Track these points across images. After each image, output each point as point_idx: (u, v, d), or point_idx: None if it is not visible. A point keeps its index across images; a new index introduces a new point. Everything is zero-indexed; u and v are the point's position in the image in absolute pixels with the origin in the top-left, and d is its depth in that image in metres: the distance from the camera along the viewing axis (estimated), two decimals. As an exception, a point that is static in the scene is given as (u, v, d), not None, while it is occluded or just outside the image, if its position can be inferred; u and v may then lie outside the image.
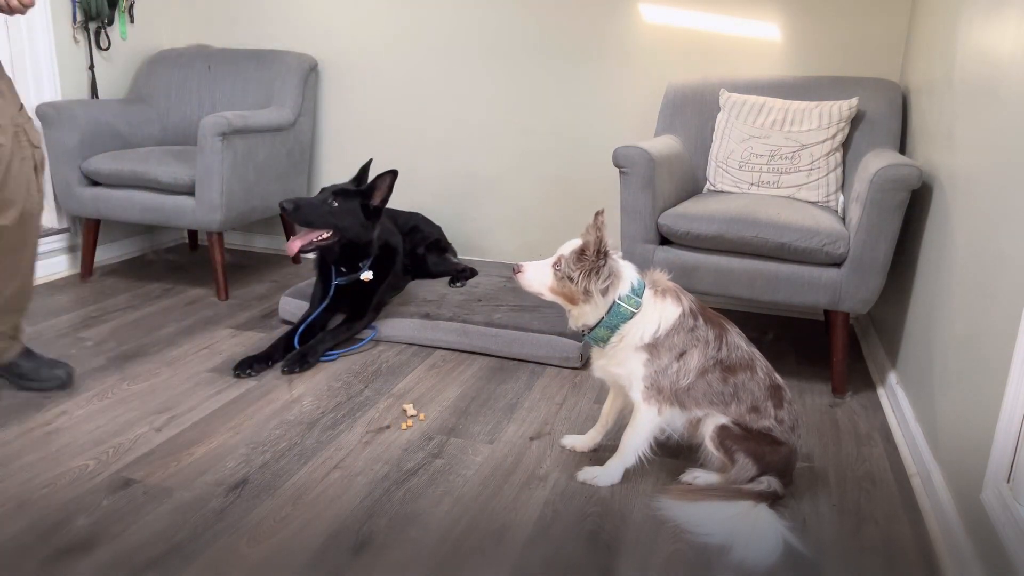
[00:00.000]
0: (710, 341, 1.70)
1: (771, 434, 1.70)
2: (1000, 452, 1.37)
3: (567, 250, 1.69)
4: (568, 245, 1.70)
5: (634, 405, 1.75)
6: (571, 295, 1.68)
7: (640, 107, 3.10)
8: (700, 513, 1.64)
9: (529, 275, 1.72)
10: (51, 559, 1.46)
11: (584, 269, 1.64)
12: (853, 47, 2.86)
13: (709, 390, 1.70)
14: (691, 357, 1.69)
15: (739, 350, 1.73)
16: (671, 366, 1.69)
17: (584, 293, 1.65)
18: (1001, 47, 1.68)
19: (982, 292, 1.60)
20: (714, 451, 1.71)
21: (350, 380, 2.32)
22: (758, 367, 1.73)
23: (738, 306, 3.15)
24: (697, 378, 1.70)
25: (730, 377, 1.70)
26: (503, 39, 3.25)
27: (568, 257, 1.67)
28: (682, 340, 1.69)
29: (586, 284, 1.64)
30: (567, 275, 1.66)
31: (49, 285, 3.15)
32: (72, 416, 2.02)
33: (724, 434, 1.69)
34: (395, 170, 2.52)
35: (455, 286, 2.92)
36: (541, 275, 1.71)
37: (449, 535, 1.58)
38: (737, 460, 1.69)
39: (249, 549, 1.51)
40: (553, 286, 1.70)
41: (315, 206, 2.41)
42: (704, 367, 1.70)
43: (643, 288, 1.71)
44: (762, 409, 1.70)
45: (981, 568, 1.38)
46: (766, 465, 1.69)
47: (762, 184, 2.65)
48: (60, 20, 3.21)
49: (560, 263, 1.68)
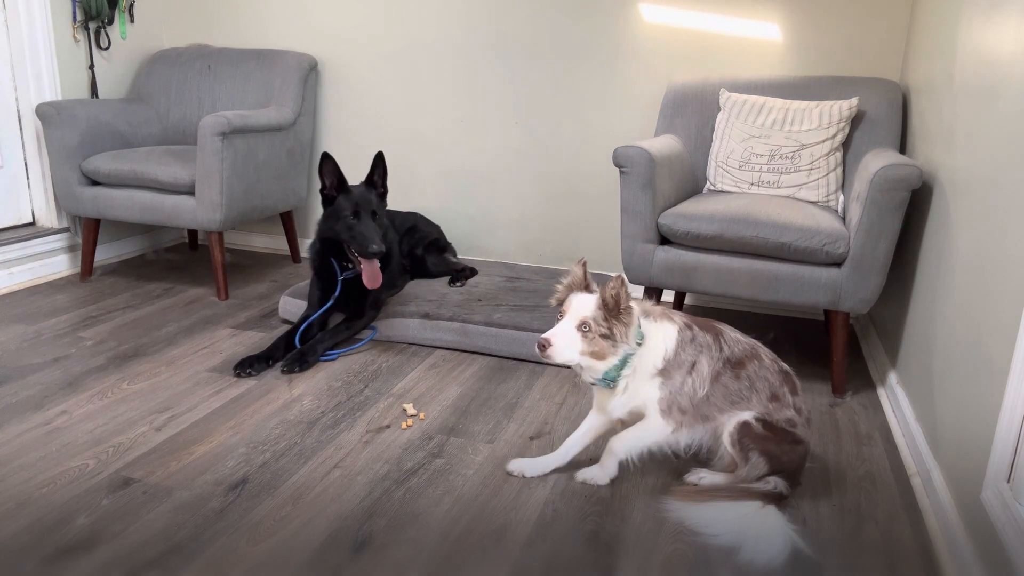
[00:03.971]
0: (711, 344, 1.71)
1: (793, 431, 1.70)
2: (1000, 452, 1.37)
3: (588, 310, 1.63)
4: (583, 303, 1.64)
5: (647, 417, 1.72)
6: (603, 352, 1.64)
7: (640, 107, 3.10)
8: (708, 514, 1.64)
9: (559, 346, 1.62)
10: (51, 559, 1.46)
11: (620, 322, 1.63)
12: (853, 47, 2.86)
13: (727, 391, 1.70)
14: (702, 365, 1.69)
15: (739, 344, 1.74)
16: (685, 381, 1.69)
17: (614, 346, 1.64)
18: (1001, 47, 1.68)
19: (982, 292, 1.60)
20: (729, 448, 1.70)
21: (350, 380, 2.32)
22: (763, 354, 1.75)
23: (738, 306, 3.15)
24: (712, 384, 1.70)
25: (741, 371, 1.71)
26: (503, 39, 3.25)
27: (596, 316, 1.62)
28: (688, 353, 1.70)
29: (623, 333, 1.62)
30: (602, 334, 1.62)
31: (49, 285, 3.15)
32: (72, 416, 2.02)
33: (744, 431, 1.68)
34: (380, 152, 2.52)
35: (455, 286, 2.92)
36: (571, 342, 1.63)
37: (449, 535, 1.58)
38: (750, 459, 1.68)
39: (249, 549, 1.51)
40: (585, 349, 1.64)
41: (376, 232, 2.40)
42: (716, 370, 1.70)
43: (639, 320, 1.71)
44: (781, 396, 1.71)
45: (981, 568, 1.38)
46: (779, 465, 1.69)
47: (762, 184, 2.65)
48: (60, 20, 3.21)
49: (587, 325, 1.62)
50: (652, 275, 2.40)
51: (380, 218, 2.44)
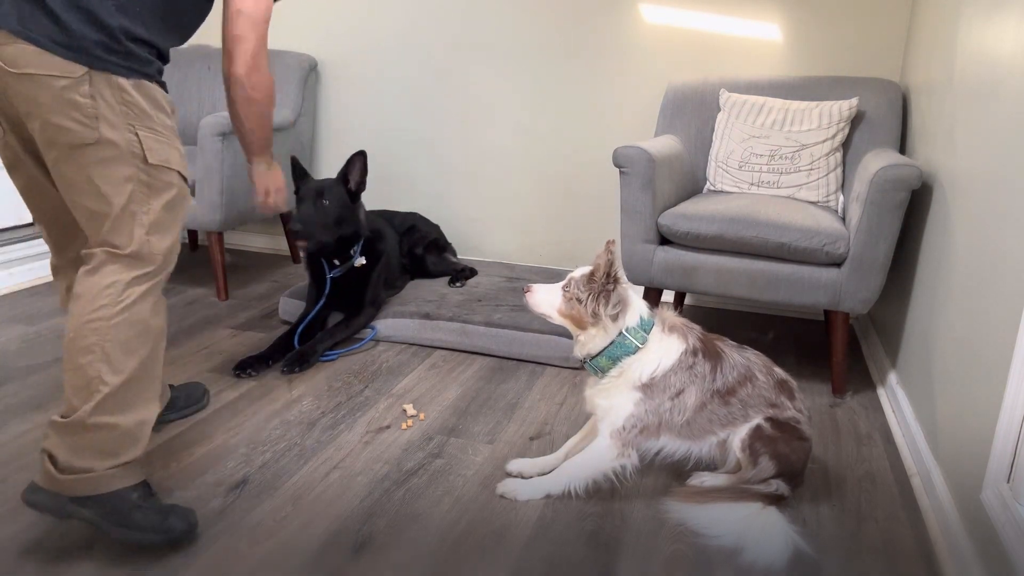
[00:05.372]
0: (706, 376, 1.68)
1: (799, 428, 1.70)
2: (1000, 452, 1.37)
3: (578, 273, 1.68)
4: (580, 269, 1.69)
5: (598, 435, 1.71)
6: (579, 318, 1.66)
7: (640, 107, 3.10)
8: (710, 515, 1.63)
9: (539, 296, 1.71)
10: (51, 559, 1.46)
11: (593, 291, 1.63)
12: (853, 47, 2.86)
13: (714, 417, 1.69)
14: (688, 395, 1.68)
15: (735, 369, 1.71)
16: (664, 404, 1.67)
17: (592, 316, 1.64)
18: (1001, 47, 1.68)
19: (982, 292, 1.60)
20: (739, 453, 1.69)
21: (350, 380, 2.32)
22: (756, 372, 1.72)
23: (738, 306, 3.15)
24: (695, 414, 1.68)
25: (731, 398, 1.69)
26: (503, 39, 3.25)
27: (578, 279, 1.66)
28: (680, 379, 1.67)
29: (595, 307, 1.63)
30: (576, 296, 1.64)
31: (49, 285, 3.14)
32: (72, 416, 2.02)
33: (755, 435, 1.67)
34: (363, 151, 2.52)
35: (455, 286, 2.92)
36: (550, 296, 1.69)
37: (449, 535, 1.58)
38: (760, 463, 1.67)
39: (249, 549, 1.51)
40: (562, 308, 1.68)
41: (312, 216, 2.41)
42: (702, 402, 1.68)
43: (651, 325, 1.69)
44: (779, 404, 1.70)
45: (981, 568, 1.38)
46: (787, 465, 1.68)
47: (762, 184, 2.65)
48: (60, 20, 3.21)
49: (570, 285, 1.67)
50: (652, 275, 2.40)
51: (324, 200, 2.44)
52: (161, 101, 1.48)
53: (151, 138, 1.44)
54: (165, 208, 1.49)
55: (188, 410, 2.04)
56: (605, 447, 1.68)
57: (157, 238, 1.48)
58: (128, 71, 1.39)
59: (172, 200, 1.51)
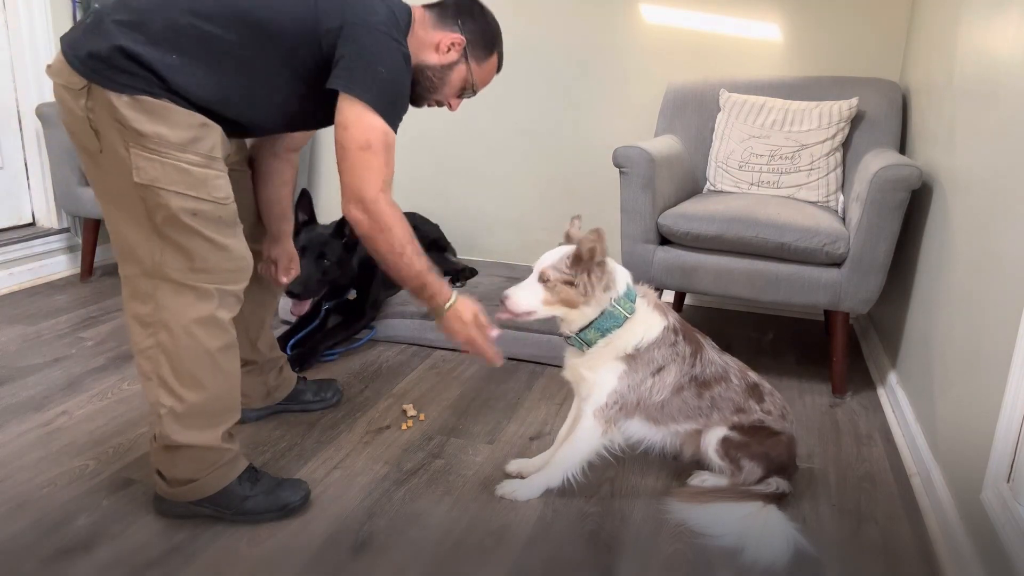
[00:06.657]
0: (686, 357, 1.70)
1: (766, 425, 1.71)
2: (1000, 452, 1.37)
3: (548, 261, 1.63)
4: (548, 257, 1.64)
5: (581, 416, 1.71)
6: (571, 299, 1.64)
7: (640, 107, 3.10)
8: (711, 515, 1.64)
9: (519, 296, 1.63)
10: (51, 559, 1.46)
11: (584, 270, 1.63)
12: (853, 47, 2.86)
13: (685, 406, 1.71)
14: (668, 373, 1.68)
15: (713, 365, 1.73)
16: (645, 381, 1.68)
17: (585, 294, 1.64)
18: (1001, 47, 1.68)
19: (982, 292, 1.60)
20: (719, 462, 1.72)
21: (350, 380, 2.32)
22: (731, 375, 1.74)
23: (738, 306, 3.15)
24: (672, 395, 1.69)
25: (705, 392, 1.71)
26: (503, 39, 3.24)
27: (557, 264, 1.63)
28: (662, 355, 1.68)
29: (587, 283, 1.62)
30: (565, 281, 1.63)
31: (49, 285, 3.15)
32: (72, 416, 2.02)
33: (727, 445, 1.71)
34: None
35: (455, 286, 2.92)
36: (530, 292, 1.63)
37: (449, 535, 1.58)
38: (744, 467, 1.70)
39: (249, 549, 1.51)
40: (548, 298, 1.63)
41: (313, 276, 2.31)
42: (679, 384, 1.69)
43: (635, 296, 1.70)
44: (746, 408, 1.72)
45: (981, 568, 1.38)
46: (771, 463, 1.70)
47: (762, 184, 2.65)
48: (60, 20, 3.21)
49: (547, 275, 1.62)
50: (652, 275, 2.40)
51: (325, 260, 2.36)
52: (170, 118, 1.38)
53: (141, 156, 1.37)
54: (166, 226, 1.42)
55: (314, 404, 2.12)
56: (591, 426, 1.69)
57: (170, 257, 1.44)
58: (121, 87, 1.34)
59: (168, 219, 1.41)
